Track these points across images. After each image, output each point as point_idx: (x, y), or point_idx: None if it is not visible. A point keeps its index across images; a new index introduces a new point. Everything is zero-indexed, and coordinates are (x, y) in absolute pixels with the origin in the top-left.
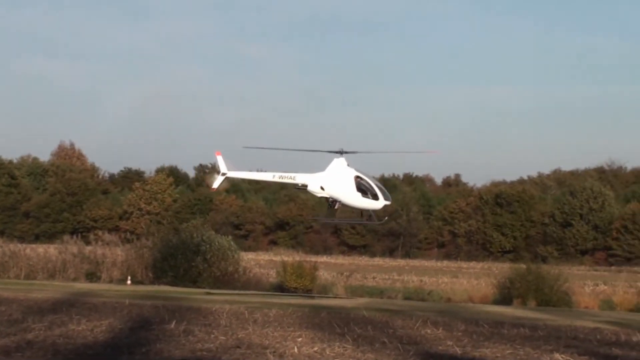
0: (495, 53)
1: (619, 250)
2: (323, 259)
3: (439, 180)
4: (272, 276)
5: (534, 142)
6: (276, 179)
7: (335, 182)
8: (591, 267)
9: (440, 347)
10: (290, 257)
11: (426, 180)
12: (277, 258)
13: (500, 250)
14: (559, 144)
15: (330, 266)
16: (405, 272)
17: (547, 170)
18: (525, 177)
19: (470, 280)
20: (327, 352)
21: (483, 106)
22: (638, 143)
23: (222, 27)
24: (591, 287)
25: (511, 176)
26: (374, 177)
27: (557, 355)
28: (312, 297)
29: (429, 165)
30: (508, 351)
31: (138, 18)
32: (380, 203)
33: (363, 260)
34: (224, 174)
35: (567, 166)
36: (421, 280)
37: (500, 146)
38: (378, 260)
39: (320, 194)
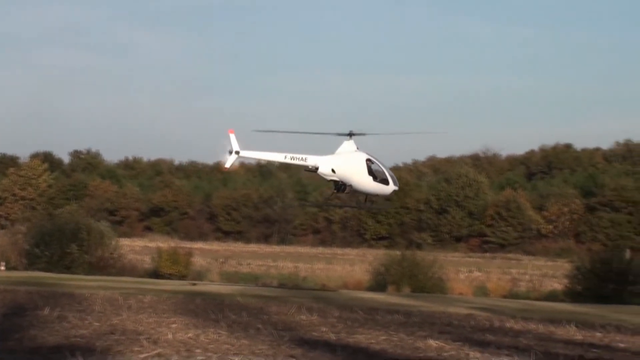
0: (376, 42)
1: (493, 237)
2: (198, 245)
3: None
4: (147, 262)
5: (410, 130)
6: (287, 160)
7: (347, 164)
8: (465, 253)
9: (314, 333)
10: (166, 243)
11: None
12: (153, 244)
13: (375, 236)
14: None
15: (205, 252)
16: (281, 259)
17: (422, 157)
18: (400, 164)
19: (345, 267)
20: (202, 338)
21: (364, 94)
22: (513, 130)
23: (102, 12)
24: (465, 274)
25: (386, 163)
26: (383, 161)
27: (431, 341)
28: (195, 284)
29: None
30: (382, 337)
31: (15, 1)
32: (390, 188)
33: (238, 246)
34: (237, 152)
35: (442, 153)
36: (296, 267)
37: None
38: (253, 247)
39: (330, 176)
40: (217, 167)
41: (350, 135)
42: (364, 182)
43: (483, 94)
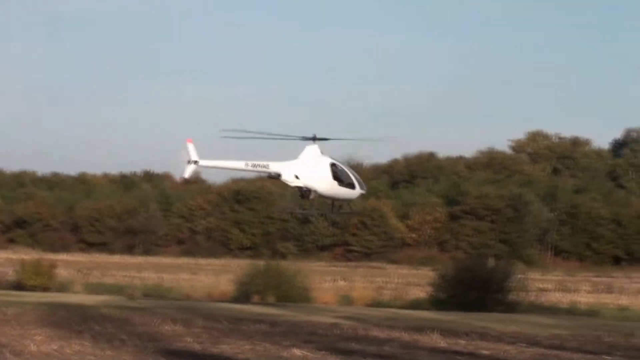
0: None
1: (357, 246)
2: (62, 256)
3: (178, 177)
4: (11, 275)
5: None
6: (249, 168)
7: (311, 170)
8: (330, 262)
9: (179, 344)
10: (29, 255)
11: (165, 177)
12: (16, 256)
13: (239, 246)
14: (296, 141)
15: (69, 264)
16: (145, 269)
17: None
18: None
19: (209, 277)
20: (66, 350)
21: (221, 104)
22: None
23: None
24: (330, 283)
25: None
26: (349, 165)
27: (295, 350)
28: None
29: (168, 163)
30: (247, 347)
31: None
32: (356, 192)
33: (102, 257)
34: (195, 162)
35: None
36: (160, 277)
37: (238, 144)
38: (117, 258)
39: (294, 183)
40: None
41: (314, 139)
42: (330, 187)
43: (346, 103)
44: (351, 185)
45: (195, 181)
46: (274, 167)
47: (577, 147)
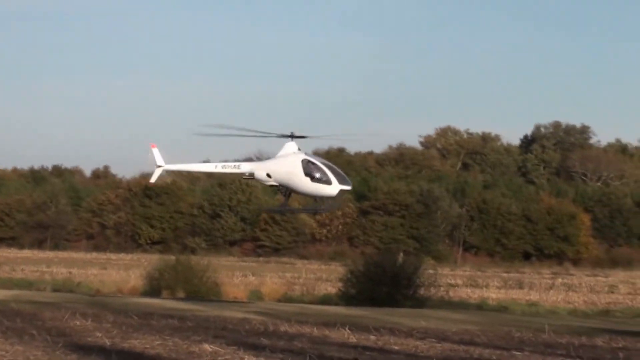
0: (151, 48)
1: (267, 241)
2: None
3: (88, 172)
4: None
5: (184, 136)
6: (219, 170)
7: (281, 167)
8: (240, 258)
9: (89, 339)
10: None
11: (75, 171)
12: None
13: (149, 241)
14: (209, 137)
15: None
16: (54, 264)
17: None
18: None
19: (119, 272)
20: None
21: (134, 100)
22: None
23: None
24: (240, 278)
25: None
26: (327, 161)
27: (205, 345)
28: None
29: (78, 157)
30: (157, 342)
31: None
32: (334, 188)
33: (12, 252)
34: (159, 166)
35: (216, 158)
36: (70, 272)
37: (148, 139)
38: (27, 252)
39: (268, 182)
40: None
41: (292, 137)
42: (302, 184)
43: (253, 99)
44: (327, 182)
45: (105, 176)
46: (245, 167)
47: (487, 143)
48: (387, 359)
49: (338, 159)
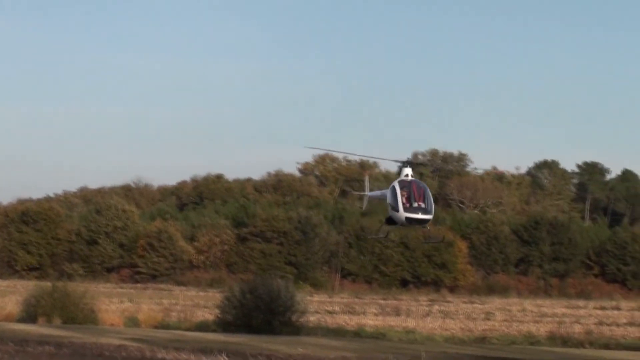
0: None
1: (145, 268)
2: None
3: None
4: None
5: (62, 160)
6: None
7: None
8: (117, 284)
9: None
10: None
11: None
12: None
13: (26, 267)
14: (85, 162)
15: None
16: None
17: (73, 188)
18: (52, 195)
19: None
20: None
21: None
22: (164, 161)
23: None
24: (117, 305)
25: (37, 194)
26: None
27: None
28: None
29: None
30: None
31: None
32: (398, 215)
33: None
34: (366, 194)
35: (93, 184)
36: None
37: (26, 163)
38: None
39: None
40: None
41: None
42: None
43: (135, 124)
44: (394, 209)
45: None
46: None
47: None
48: None
49: (216, 185)
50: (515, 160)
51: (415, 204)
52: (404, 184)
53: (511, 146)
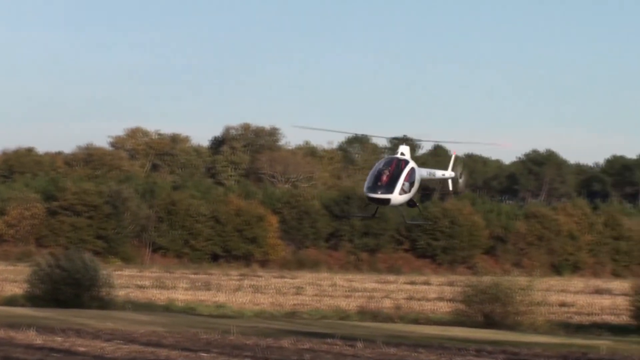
0: None
1: None
2: None
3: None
4: None
5: None
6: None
7: None
8: None
9: None
10: None
11: None
12: None
13: None
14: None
15: None
16: None
17: None
18: None
19: None
20: None
21: None
22: None
23: None
24: None
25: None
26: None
27: None
28: None
29: None
30: None
31: None
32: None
33: None
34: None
35: None
36: None
37: None
38: None
39: None
40: None
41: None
42: None
43: None
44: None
45: None
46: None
47: (177, 144)
48: None
49: (26, 158)
50: (328, 135)
51: (379, 183)
52: (384, 162)
53: (324, 121)
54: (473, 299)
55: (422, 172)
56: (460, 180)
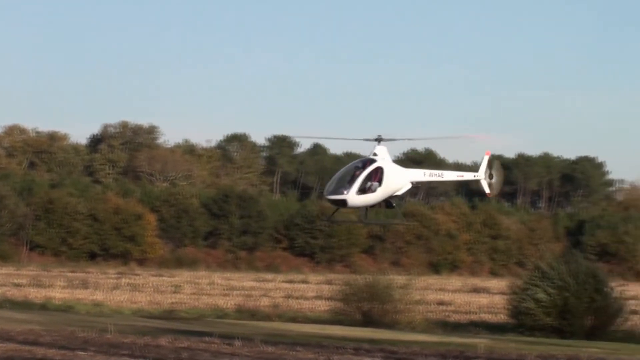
0: None
1: None
2: None
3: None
4: None
5: None
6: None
7: None
8: None
9: None
10: None
11: None
12: None
13: None
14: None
15: None
16: None
17: None
18: None
19: None
20: None
21: None
22: None
23: None
24: None
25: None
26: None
27: None
28: None
29: None
30: None
31: None
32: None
33: None
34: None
35: None
36: None
37: None
38: None
39: None
40: None
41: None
42: None
43: None
44: None
45: None
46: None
47: (55, 142)
48: None
49: None
50: (207, 133)
51: (338, 184)
52: (350, 164)
53: (202, 119)
54: (351, 298)
55: (410, 173)
56: (492, 182)
